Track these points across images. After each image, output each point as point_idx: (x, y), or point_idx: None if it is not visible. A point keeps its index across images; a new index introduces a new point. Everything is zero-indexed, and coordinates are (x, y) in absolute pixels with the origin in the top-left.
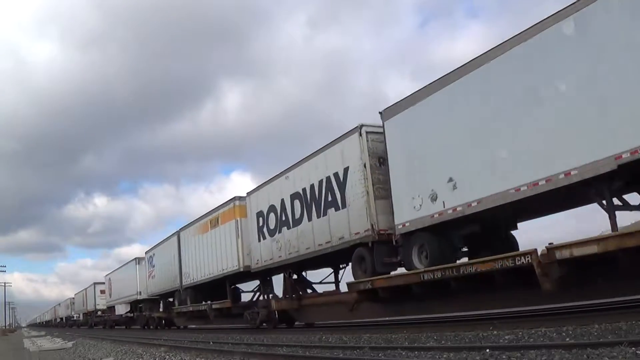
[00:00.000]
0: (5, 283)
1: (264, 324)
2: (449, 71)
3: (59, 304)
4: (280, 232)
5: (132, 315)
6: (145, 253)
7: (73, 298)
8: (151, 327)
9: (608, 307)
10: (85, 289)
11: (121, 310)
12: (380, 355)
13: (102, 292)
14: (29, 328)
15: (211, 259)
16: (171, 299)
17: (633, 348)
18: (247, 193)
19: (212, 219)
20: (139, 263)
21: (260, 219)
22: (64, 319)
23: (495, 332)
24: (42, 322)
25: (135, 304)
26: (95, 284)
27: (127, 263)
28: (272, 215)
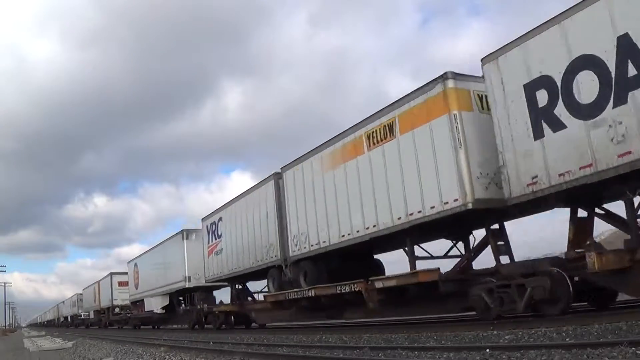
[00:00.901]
0: (5, 283)
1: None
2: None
3: (63, 302)
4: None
5: (172, 310)
6: (202, 220)
7: (81, 294)
8: (206, 326)
9: (608, 307)
10: (98, 281)
11: (154, 304)
12: (380, 355)
13: (122, 284)
14: (29, 328)
15: (370, 201)
16: (240, 286)
17: (633, 348)
18: (483, 60)
19: (373, 130)
20: (187, 237)
21: (541, 93)
22: (68, 318)
23: (495, 332)
24: (44, 322)
25: (177, 296)
26: (112, 274)
27: (168, 239)
28: (585, 75)
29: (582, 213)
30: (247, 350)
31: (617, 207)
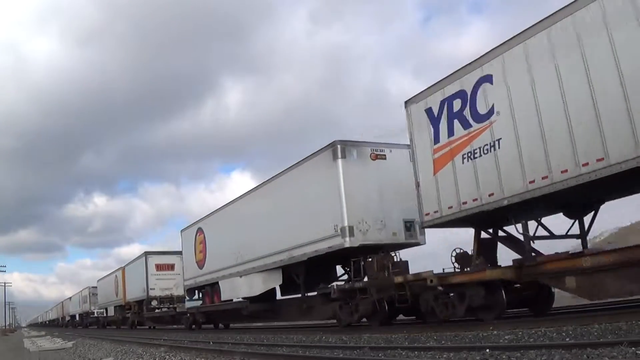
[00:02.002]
0: (5, 283)
1: None
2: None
3: (69, 299)
4: None
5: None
6: (407, 104)
7: (95, 287)
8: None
9: (608, 307)
10: (123, 267)
11: (248, 288)
12: (380, 355)
13: (162, 267)
14: (29, 328)
15: None
16: (496, 229)
17: (633, 348)
18: None
19: None
20: (343, 156)
21: None
22: (76, 316)
23: (495, 332)
24: (45, 322)
25: (305, 267)
26: (147, 254)
27: (298, 163)
28: None
29: None
30: (247, 350)
31: None
